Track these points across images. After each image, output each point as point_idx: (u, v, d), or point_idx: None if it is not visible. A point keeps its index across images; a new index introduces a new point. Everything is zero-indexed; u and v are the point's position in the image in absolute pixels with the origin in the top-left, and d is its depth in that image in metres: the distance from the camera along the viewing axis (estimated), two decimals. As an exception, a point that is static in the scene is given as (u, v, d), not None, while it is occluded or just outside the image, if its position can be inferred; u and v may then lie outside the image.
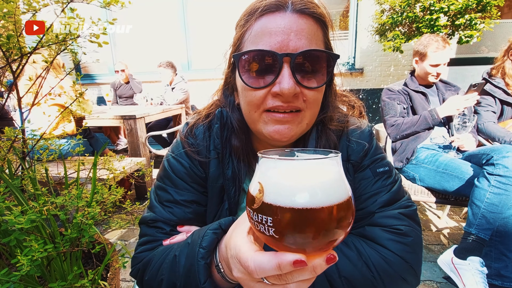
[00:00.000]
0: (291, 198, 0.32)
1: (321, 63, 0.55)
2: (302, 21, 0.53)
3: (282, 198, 0.33)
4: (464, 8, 2.76)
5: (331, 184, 0.34)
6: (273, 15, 0.53)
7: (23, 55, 0.90)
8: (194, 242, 0.52)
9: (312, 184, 0.33)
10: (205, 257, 0.49)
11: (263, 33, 0.53)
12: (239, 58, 0.55)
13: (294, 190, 0.32)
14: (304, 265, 0.32)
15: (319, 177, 0.33)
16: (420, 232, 0.62)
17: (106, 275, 1.18)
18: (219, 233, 0.51)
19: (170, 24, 5.22)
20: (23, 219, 0.71)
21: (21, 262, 0.69)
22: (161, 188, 0.69)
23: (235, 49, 0.60)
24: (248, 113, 0.59)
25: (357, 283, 0.54)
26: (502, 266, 1.50)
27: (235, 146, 0.65)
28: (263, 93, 0.54)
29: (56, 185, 1.43)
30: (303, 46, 0.52)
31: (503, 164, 1.50)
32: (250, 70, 0.54)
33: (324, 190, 0.33)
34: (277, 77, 0.52)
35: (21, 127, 0.96)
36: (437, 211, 2.75)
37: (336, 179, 0.34)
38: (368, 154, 0.67)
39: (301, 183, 0.33)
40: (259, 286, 0.38)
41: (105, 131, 4.46)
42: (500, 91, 2.10)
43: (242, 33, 0.57)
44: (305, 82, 0.53)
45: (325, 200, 0.32)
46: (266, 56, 0.52)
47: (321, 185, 0.33)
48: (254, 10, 0.55)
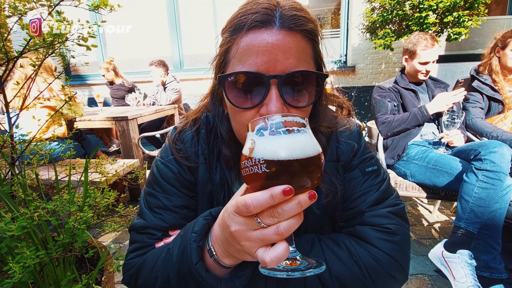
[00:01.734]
0: (276, 150, 0.39)
1: (310, 82, 0.54)
2: (290, 39, 0.51)
3: (270, 152, 0.40)
4: (452, 5, 2.81)
5: (310, 140, 0.43)
6: (260, 31, 0.51)
7: (9, 59, 0.89)
8: (186, 231, 0.55)
9: (294, 140, 0.41)
10: (197, 240, 0.51)
11: (250, 51, 0.51)
12: (225, 79, 0.54)
13: (276, 146, 0.40)
14: (291, 193, 0.37)
15: (298, 137, 0.42)
16: (408, 229, 0.64)
17: (100, 279, 1.18)
18: (210, 220, 0.53)
19: (162, 24, 5.17)
20: (13, 226, 0.70)
21: (13, 269, 0.69)
22: (150, 194, 0.69)
23: (220, 63, 0.59)
24: (238, 131, 0.59)
25: (347, 282, 0.55)
26: (490, 258, 1.54)
27: (225, 155, 0.65)
28: (251, 113, 0.54)
29: (47, 190, 1.41)
30: (290, 66, 0.51)
31: (490, 160, 1.54)
32: (236, 90, 0.54)
33: (306, 143, 0.41)
34: (265, 99, 0.51)
35: (9, 133, 0.95)
36: (428, 206, 2.80)
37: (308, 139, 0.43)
38: (357, 154, 0.68)
39: (285, 143, 0.40)
40: (255, 234, 0.41)
41: (97, 133, 4.40)
42: (488, 87, 2.15)
43: (227, 48, 0.56)
44: (293, 102, 0.53)
45: (309, 150, 0.41)
46: (253, 77, 0.51)
47: (303, 141, 0.41)
48: (240, 25, 0.53)
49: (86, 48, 0.95)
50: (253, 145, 0.42)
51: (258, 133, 0.42)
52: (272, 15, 0.52)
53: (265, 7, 0.52)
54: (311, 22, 0.54)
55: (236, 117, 0.57)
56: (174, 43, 5.21)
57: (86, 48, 0.95)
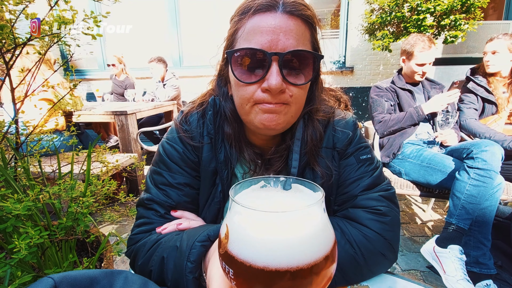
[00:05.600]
0: (254, 255, 0.28)
1: (307, 62, 0.59)
2: (291, 22, 0.57)
3: (245, 252, 0.29)
4: (449, 9, 2.86)
5: (308, 240, 0.29)
6: (265, 14, 0.57)
7: (17, 45, 0.91)
8: (182, 251, 0.55)
9: (282, 239, 0.28)
10: (193, 271, 0.52)
11: (255, 31, 0.56)
12: (232, 55, 0.59)
13: (258, 246, 0.28)
14: None
15: (293, 232, 0.29)
16: (398, 212, 0.67)
17: (100, 266, 1.20)
18: (208, 245, 0.54)
19: (161, 21, 5.18)
20: (19, 206, 0.73)
21: (18, 247, 0.71)
22: (156, 172, 0.72)
23: (229, 44, 0.64)
24: (240, 105, 0.63)
25: (340, 259, 0.58)
26: (480, 254, 1.58)
27: (227, 133, 0.69)
28: (253, 87, 0.58)
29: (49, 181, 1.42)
30: (291, 45, 0.56)
31: (482, 158, 1.59)
32: (241, 66, 0.58)
33: (295, 247, 0.28)
34: (266, 74, 0.56)
35: (14, 118, 0.97)
36: (422, 205, 2.85)
37: (313, 233, 0.30)
38: (352, 142, 0.71)
39: (271, 239, 0.29)
40: None
41: (95, 128, 4.40)
42: (482, 89, 2.20)
43: (235, 30, 0.61)
44: (291, 79, 0.57)
45: (299, 258, 0.28)
46: (257, 53, 0.56)
47: (291, 242, 0.28)
48: (247, 8, 0.59)
49: (92, 37, 0.97)
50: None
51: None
52: (276, 1, 0.57)
53: None
54: (309, 10, 0.60)
55: (239, 91, 0.61)
56: (173, 40, 5.22)
57: (91, 37, 0.98)
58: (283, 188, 0.38)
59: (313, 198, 0.35)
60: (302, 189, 0.37)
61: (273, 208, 0.36)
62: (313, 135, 0.67)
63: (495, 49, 2.09)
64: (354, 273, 0.59)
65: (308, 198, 0.36)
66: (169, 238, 0.61)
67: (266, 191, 0.38)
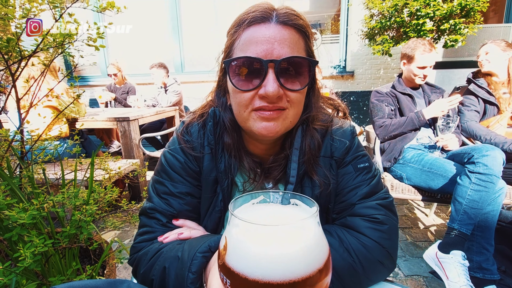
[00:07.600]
0: (249, 268, 0.29)
1: (302, 68, 0.61)
2: (285, 31, 0.59)
3: (241, 265, 0.30)
4: (449, 13, 2.87)
5: (302, 253, 0.30)
6: (259, 26, 0.59)
7: (22, 58, 0.94)
8: (184, 262, 0.55)
9: (277, 253, 0.29)
10: (194, 282, 0.52)
11: (250, 42, 0.59)
12: (229, 64, 0.61)
13: (254, 259, 0.29)
14: None
15: (287, 246, 0.30)
16: (396, 220, 0.68)
17: (102, 273, 1.21)
18: (209, 256, 0.54)
19: (163, 26, 5.24)
20: (24, 215, 0.74)
21: (23, 256, 0.72)
22: (158, 181, 0.74)
23: (226, 55, 0.66)
24: (238, 113, 0.64)
25: (339, 267, 0.59)
26: (483, 259, 1.57)
27: (227, 143, 0.70)
28: (251, 94, 0.60)
29: (52, 189, 1.44)
30: (286, 53, 0.58)
31: (483, 163, 1.58)
32: (239, 74, 0.60)
33: (289, 260, 0.29)
34: (263, 81, 0.58)
35: (19, 128, 0.99)
36: (424, 209, 2.84)
37: (307, 247, 0.30)
38: (350, 151, 0.72)
39: (266, 252, 0.29)
40: None
41: (98, 133, 4.44)
42: (483, 91, 2.22)
43: (232, 41, 0.64)
44: (288, 85, 0.59)
45: (294, 271, 0.29)
46: (253, 62, 0.58)
47: (286, 255, 0.29)
48: (242, 21, 0.61)
49: (95, 48, 1.00)
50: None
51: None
52: (269, 13, 0.60)
53: (264, 8, 0.61)
54: (302, 19, 0.63)
55: (237, 98, 0.63)
56: (175, 46, 5.27)
57: (94, 48, 1.00)
58: (281, 203, 0.40)
59: (309, 212, 0.36)
60: (300, 204, 0.39)
61: (270, 221, 0.37)
62: (311, 144, 0.69)
63: (487, 51, 2.18)
64: (352, 282, 0.59)
65: (304, 212, 0.37)
66: (170, 247, 0.62)
67: (265, 206, 0.40)
